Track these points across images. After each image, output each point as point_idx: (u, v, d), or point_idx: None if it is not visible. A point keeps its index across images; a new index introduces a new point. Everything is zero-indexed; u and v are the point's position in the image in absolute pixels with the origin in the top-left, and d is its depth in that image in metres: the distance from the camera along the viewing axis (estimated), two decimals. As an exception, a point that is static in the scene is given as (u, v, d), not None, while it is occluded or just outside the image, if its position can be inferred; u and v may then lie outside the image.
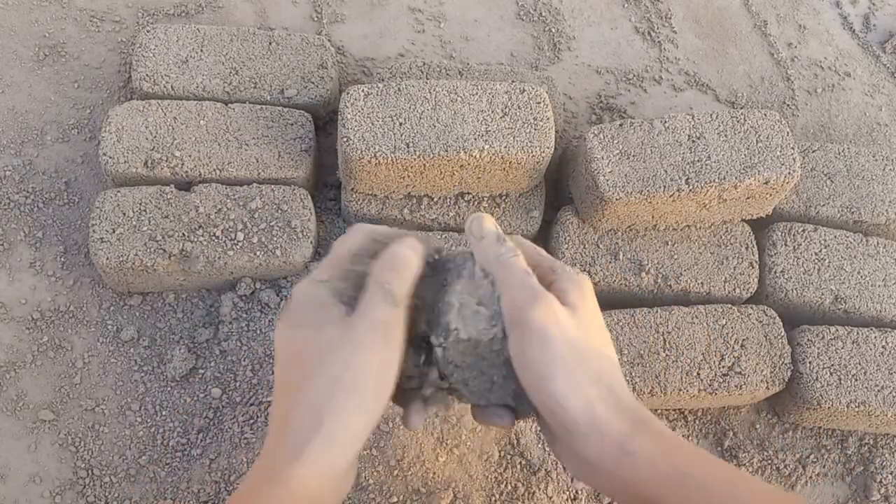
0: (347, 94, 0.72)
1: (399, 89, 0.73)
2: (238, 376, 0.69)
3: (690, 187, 0.72)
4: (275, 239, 0.71)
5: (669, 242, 0.77)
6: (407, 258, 0.46)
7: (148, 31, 0.79)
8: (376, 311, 0.44)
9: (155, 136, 0.73)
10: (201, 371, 0.70)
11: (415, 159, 0.70)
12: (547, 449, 0.70)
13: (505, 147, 0.71)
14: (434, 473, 0.66)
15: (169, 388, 0.70)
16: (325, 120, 0.83)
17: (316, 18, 0.92)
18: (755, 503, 0.43)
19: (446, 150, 0.70)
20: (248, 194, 0.72)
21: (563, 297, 0.46)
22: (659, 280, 0.76)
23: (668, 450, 0.43)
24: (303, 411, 0.43)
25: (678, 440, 0.45)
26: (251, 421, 0.68)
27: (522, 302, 0.44)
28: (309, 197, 0.74)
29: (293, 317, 0.45)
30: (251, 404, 0.68)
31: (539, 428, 0.70)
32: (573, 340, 0.44)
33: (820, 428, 0.77)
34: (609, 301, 0.76)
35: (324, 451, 0.42)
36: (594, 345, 0.46)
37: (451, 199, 0.77)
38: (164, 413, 0.69)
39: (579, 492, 0.68)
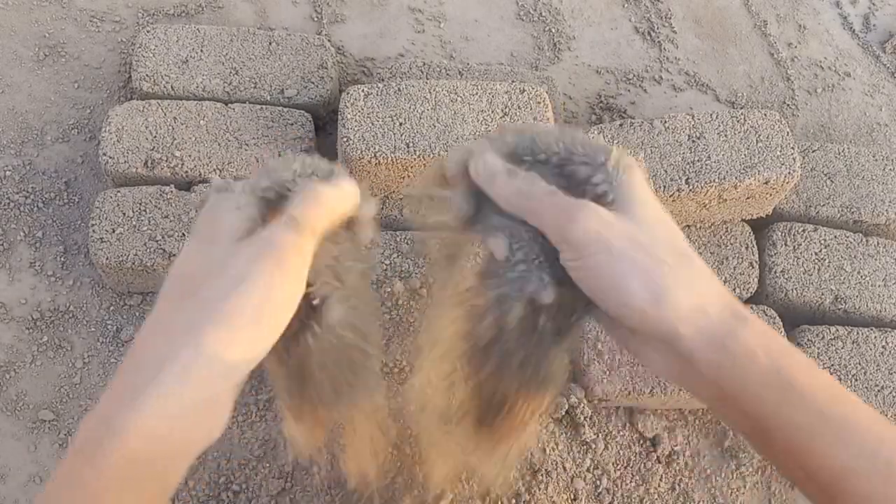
0: (347, 94, 0.72)
1: (399, 89, 0.73)
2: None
3: (690, 187, 0.72)
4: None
5: (669, 242, 0.77)
6: (334, 198, 0.41)
7: (148, 32, 0.79)
8: (273, 234, 0.38)
9: (155, 137, 0.73)
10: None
11: (415, 159, 0.70)
12: (547, 449, 0.70)
13: (505, 147, 0.71)
14: (434, 473, 0.66)
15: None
16: (325, 120, 0.83)
17: (316, 18, 0.92)
18: (857, 424, 0.38)
19: (446, 150, 0.71)
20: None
21: (618, 197, 0.42)
22: (659, 280, 0.76)
23: (771, 349, 0.39)
24: (158, 341, 0.37)
25: (783, 341, 0.41)
26: (249, 420, 0.68)
27: (561, 223, 0.40)
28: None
29: (194, 227, 0.41)
30: (249, 404, 0.68)
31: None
32: (637, 242, 0.40)
33: (820, 428, 0.77)
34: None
35: (176, 386, 0.35)
36: (668, 244, 0.41)
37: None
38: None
39: (579, 491, 0.68)
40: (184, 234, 0.69)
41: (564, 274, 0.42)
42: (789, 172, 0.73)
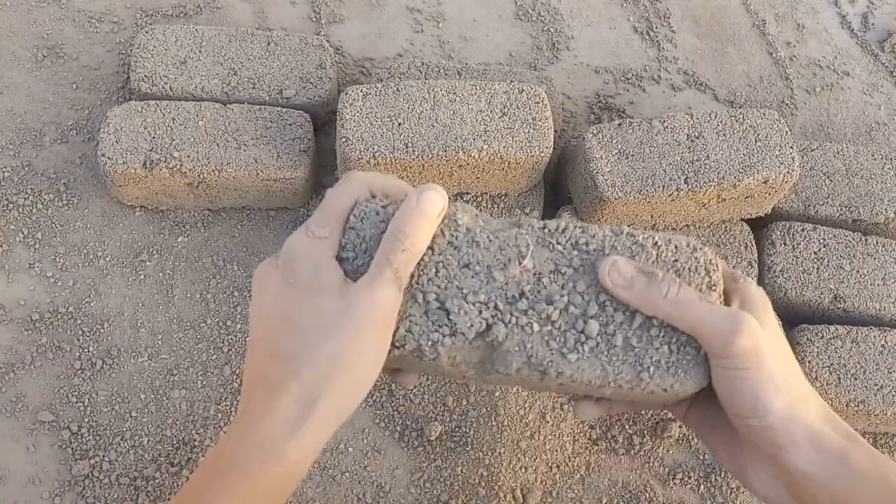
0: (346, 94, 0.72)
1: (398, 89, 0.73)
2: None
3: (689, 187, 0.72)
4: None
5: (668, 242, 0.77)
6: (420, 241, 0.44)
7: (146, 32, 0.79)
8: (382, 292, 0.43)
9: (153, 137, 0.73)
10: (200, 372, 0.70)
11: (414, 159, 0.70)
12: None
13: (504, 147, 0.71)
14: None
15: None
16: (323, 120, 0.83)
17: (314, 19, 0.92)
18: None
19: (445, 151, 0.70)
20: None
21: (752, 309, 0.45)
22: (658, 279, 0.76)
23: (882, 465, 0.44)
24: (297, 387, 0.42)
25: (889, 459, 0.45)
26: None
27: (724, 331, 0.43)
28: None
29: (288, 271, 0.43)
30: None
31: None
32: (778, 357, 0.44)
33: (819, 427, 0.77)
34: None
35: (317, 430, 0.42)
36: (789, 357, 0.46)
37: (450, 199, 0.77)
38: (163, 413, 0.69)
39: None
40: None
41: None
42: (788, 171, 0.73)
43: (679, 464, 0.72)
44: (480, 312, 0.45)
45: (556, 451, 0.70)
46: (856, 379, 0.72)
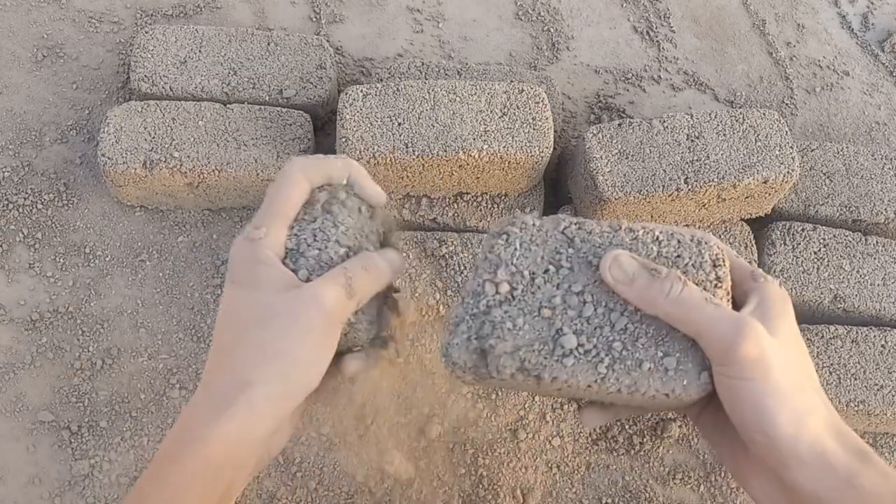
0: (346, 94, 0.72)
1: (398, 89, 0.73)
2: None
3: (689, 187, 0.72)
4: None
5: (668, 242, 0.77)
6: (383, 273, 0.46)
7: (146, 32, 0.79)
8: (329, 295, 0.43)
9: (153, 137, 0.73)
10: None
11: (414, 159, 0.70)
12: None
13: (504, 147, 0.71)
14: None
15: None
16: (323, 120, 0.83)
17: (314, 19, 0.92)
18: None
19: (445, 151, 0.70)
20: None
21: (765, 313, 0.42)
22: (658, 279, 0.76)
23: (893, 485, 0.41)
24: (226, 374, 0.42)
25: None
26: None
27: (727, 337, 0.40)
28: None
29: (232, 273, 0.44)
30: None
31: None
32: (787, 367, 0.41)
33: (819, 427, 0.77)
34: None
35: (244, 415, 0.41)
36: (803, 366, 0.43)
37: (449, 198, 0.77)
38: (163, 413, 0.69)
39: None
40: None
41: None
42: (788, 171, 0.73)
43: (679, 464, 0.72)
44: (471, 318, 0.44)
45: (556, 451, 0.70)
46: (856, 379, 0.72)
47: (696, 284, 0.43)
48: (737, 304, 0.45)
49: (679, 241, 0.45)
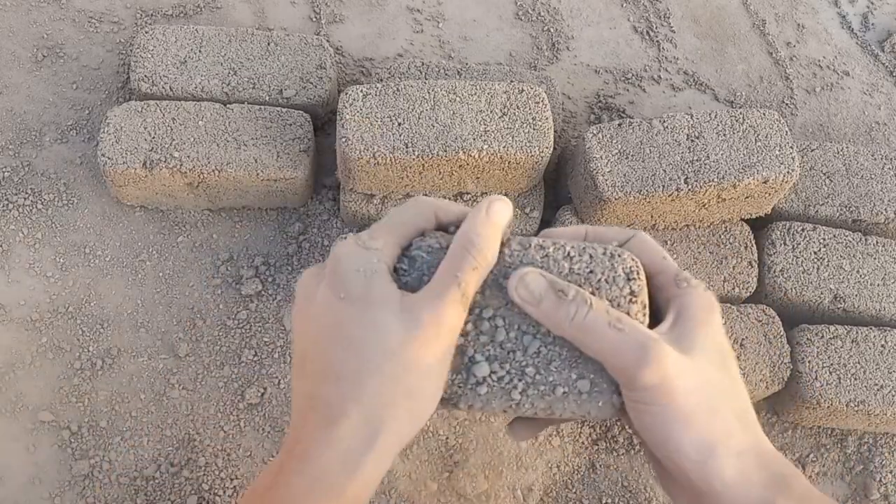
0: (346, 94, 0.72)
1: (398, 89, 0.73)
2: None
3: (689, 187, 0.72)
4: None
5: (668, 242, 0.77)
6: (489, 260, 0.40)
7: (146, 32, 0.79)
8: (449, 311, 0.38)
9: (153, 137, 0.73)
10: (200, 372, 0.70)
11: (414, 159, 0.70)
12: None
13: (504, 147, 0.71)
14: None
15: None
16: (323, 120, 0.83)
17: (314, 19, 0.92)
18: None
19: (445, 151, 0.70)
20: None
21: (683, 326, 0.40)
22: (658, 279, 0.76)
23: None
24: (357, 414, 0.38)
25: (825, 501, 0.41)
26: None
27: (628, 363, 0.39)
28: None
29: (339, 284, 0.39)
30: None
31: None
32: (696, 390, 0.39)
33: (819, 427, 0.77)
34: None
35: (378, 464, 0.39)
36: (722, 385, 0.40)
37: (449, 198, 0.77)
38: (163, 413, 0.69)
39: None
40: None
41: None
42: (788, 171, 0.73)
43: (679, 464, 0.72)
44: None
45: (556, 451, 0.70)
46: (856, 379, 0.72)
47: (610, 300, 0.42)
48: (662, 312, 0.43)
49: (591, 256, 0.43)
